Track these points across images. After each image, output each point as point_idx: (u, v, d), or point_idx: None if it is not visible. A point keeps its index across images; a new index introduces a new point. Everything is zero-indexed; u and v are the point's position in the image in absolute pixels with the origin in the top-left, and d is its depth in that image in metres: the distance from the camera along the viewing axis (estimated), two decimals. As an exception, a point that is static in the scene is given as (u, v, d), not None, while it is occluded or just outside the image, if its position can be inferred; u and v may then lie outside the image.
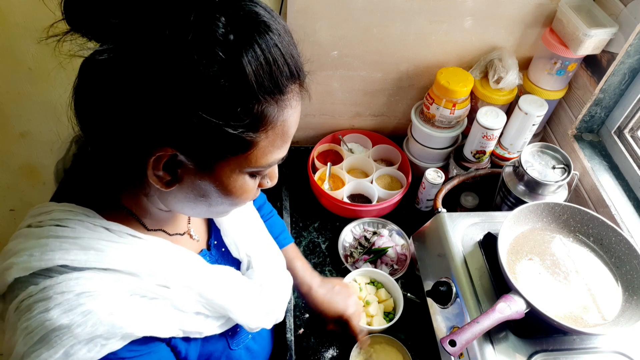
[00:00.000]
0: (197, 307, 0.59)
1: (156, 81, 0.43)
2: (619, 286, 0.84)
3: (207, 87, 0.43)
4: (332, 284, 0.92)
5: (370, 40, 1.17)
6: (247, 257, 0.74)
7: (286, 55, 0.47)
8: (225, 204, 0.55)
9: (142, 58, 0.43)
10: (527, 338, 0.80)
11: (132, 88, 0.43)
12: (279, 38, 0.46)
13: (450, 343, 0.74)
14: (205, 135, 0.45)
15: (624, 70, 1.07)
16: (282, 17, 1.11)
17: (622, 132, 1.15)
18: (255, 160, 0.50)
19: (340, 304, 0.89)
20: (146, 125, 0.45)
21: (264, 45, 0.44)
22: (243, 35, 0.43)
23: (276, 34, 0.46)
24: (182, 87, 0.42)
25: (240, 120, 0.45)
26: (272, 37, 0.45)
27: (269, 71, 0.45)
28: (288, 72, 0.47)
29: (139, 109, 0.44)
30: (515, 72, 1.16)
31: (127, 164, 0.50)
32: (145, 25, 0.42)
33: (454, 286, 0.89)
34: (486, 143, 1.16)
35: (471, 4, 1.11)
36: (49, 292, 0.47)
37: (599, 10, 1.07)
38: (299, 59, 0.49)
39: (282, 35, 0.47)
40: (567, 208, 0.91)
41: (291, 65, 0.47)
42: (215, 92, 0.43)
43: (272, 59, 0.45)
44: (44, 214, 0.52)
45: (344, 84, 1.28)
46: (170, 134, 0.45)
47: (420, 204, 1.27)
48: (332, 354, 0.99)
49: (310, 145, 1.39)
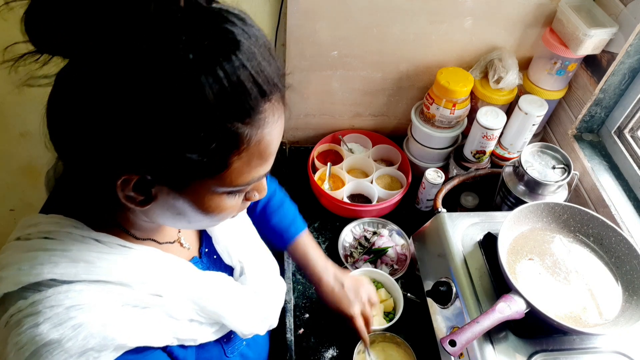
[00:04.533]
0: (190, 314, 0.59)
1: (112, 103, 0.40)
2: (619, 286, 0.84)
3: (164, 111, 0.40)
4: (343, 280, 0.90)
5: (370, 40, 1.17)
6: (240, 264, 0.73)
7: (257, 74, 0.43)
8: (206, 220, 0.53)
9: (98, 77, 0.40)
10: (527, 338, 0.80)
11: (91, 108, 0.41)
12: (249, 56, 0.42)
13: (450, 343, 0.74)
14: (169, 160, 0.43)
15: (624, 70, 1.07)
16: (282, 17, 1.11)
17: (622, 132, 1.15)
18: (231, 181, 0.48)
19: (344, 304, 0.88)
20: (107, 148, 0.43)
21: (229, 68, 0.41)
22: (205, 57, 0.40)
23: (246, 53, 0.42)
24: (138, 110, 0.40)
25: (204, 145, 0.43)
26: (239, 58, 0.42)
27: (235, 94, 0.42)
28: (258, 92, 0.44)
29: (98, 131, 0.42)
30: (515, 72, 1.16)
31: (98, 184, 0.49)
32: (103, 43, 0.40)
33: (454, 286, 0.89)
34: (486, 143, 1.16)
35: (471, 4, 1.11)
36: (38, 307, 0.46)
37: (599, 10, 1.07)
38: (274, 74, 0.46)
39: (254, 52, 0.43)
40: (567, 208, 0.91)
41: (262, 84, 0.44)
42: (173, 116, 0.41)
43: (237, 81, 0.42)
44: (32, 227, 0.51)
45: (344, 84, 1.28)
46: (132, 158, 0.43)
47: (420, 204, 1.27)
48: (332, 354, 0.99)
49: (310, 145, 1.39)
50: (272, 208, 0.91)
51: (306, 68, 1.22)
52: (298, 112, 1.34)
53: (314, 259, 0.90)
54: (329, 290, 0.88)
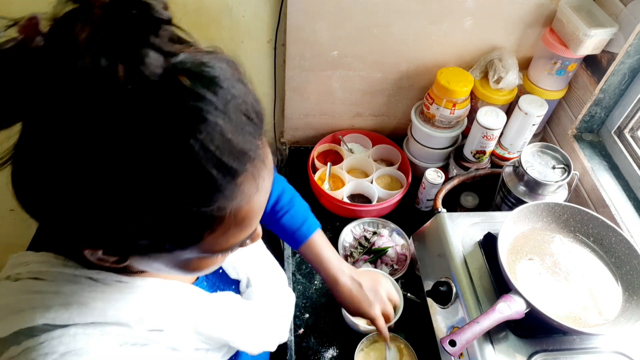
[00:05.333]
0: (195, 343, 0.56)
1: (64, 181, 0.36)
2: (619, 286, 0.84)
3: (117, 195, 0.36)
4: (360, 279, 0.86)
5: (370, 40, 1.17)
6: (246, 276, 0.71)
7: (223, 154, 0.37)
8: (188, 275, 0.50)
9: (51, 151, 0.35)
10: (527, 338, 0.80)
11: (44, 183, 0.37)
12: (213, 135, 0.36)
13: (450, 343, 0.73)
14: (130, 241, 0.40)
15: (624, 70, 1.07)
16: (282, 17, 1.11)
17: (622, 132, 1.15)
18: (207, 249, 0.43)
19: (364, 304, 0.84)
20: (65, 223, 0.39)
21: (186, 154, 0.35)
22: (158, 143, 0.34)
23: (210, 131, 0.36)
24: (90, 192, 0.36)
25: (165, 229, 0.39)
26: (200, 140, 0.35)
27: (196, 182, 0.36)
28: (225, 173, 0.38)
29: (55, 206, 0.38)
30: (515, 72, 1.16)
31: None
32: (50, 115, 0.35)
33: (454, 286, 0.89)
34: (486, 143, 1.16)
35: (471, 4, 1.11)
36: (31, 354, 0.43)
37: (599, 10, 1.07)
38: (249, 143, 0.39)
39: (221, 126, 0.36)
40: (567, 208, 0.91)
41: (231, 163, 0.38)
42: (127, 202, 0.36)
43: (198, 167, 0.36)
44: (21, 265, 0.48)
45: (344, 84, 1.28)
46: (93, 236, 0.40)
47: (420, 204, 1.27)
48: (332, 354, 0.99)
49: (310, 145, 1.39)
50: (281, 206, 0.87)
51: (306, 68, 1.22)
52: (298, 112, 1.34)
53: (328, 259, 0.86)
54: (346, 293, 0.84)
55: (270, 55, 1.20)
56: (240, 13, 1.11)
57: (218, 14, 1.10)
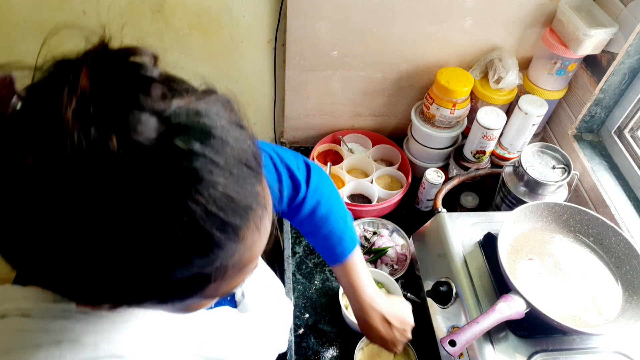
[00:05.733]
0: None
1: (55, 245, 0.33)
2: (619, 286, 0.84)
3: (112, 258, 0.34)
4: (390, 321, 0.81)
5: (370, 40, 1.17)
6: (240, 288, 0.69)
7: (224, 212, 0.35)
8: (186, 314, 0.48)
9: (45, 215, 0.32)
10: (527, 338, 0.80)
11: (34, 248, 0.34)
12: (211, 193, 0.34)
13: (450, 343, 0.74)
14: (124, 297, 0.38)
15: (624, 70, 1.07)
16: (282, 17, 1.11)
17: (622, 132, 1.15)
18: (207, 295, 0.42)
19: (389, 344, 0.82)
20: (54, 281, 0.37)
21: (183, 219, 0.33)
22: (151, 210, 0.33)
23: (207, 190, 0.34)
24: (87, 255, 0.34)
25: (163, 291, 0.37)
26: (197, 200, 0.33)
27: (195, 242, 0.35)
28: (227, 229, 0.36)
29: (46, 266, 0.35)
30: (515, 72, 1.16)
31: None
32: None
33: (454, 286, 0.89)
34: (486, 143, 1.16)
35: (471, 4, 1.11)
36: None
37: (599, 10, 1.07)
38: (249, 194, 0.37)
39: (219, 182, 0.34)
40: (567, 208, 0.91)
41: (231, 219, 0.36)
42: (124, 266, 0.34)
43: (197, 229, 0.34)
44: (7, 302, 0.46)
45: (344, 84, 1.28)
46: (83, 295, 0.38)
47: (420, 204, 1.27)
48: (332, 354, 0.99)
49: (310, 145, 1.39)
50: (319, 217, 0.77)
51: (306, 68, 1.22)
52: (298, 112, 1.34)
53: (360, 288, 0.79)
54: (374, 331, 0.81)
55: (270, 55, 1.20)
56: (240, 13, 1.11)
57: (218, 14, 1.10)
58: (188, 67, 1.21)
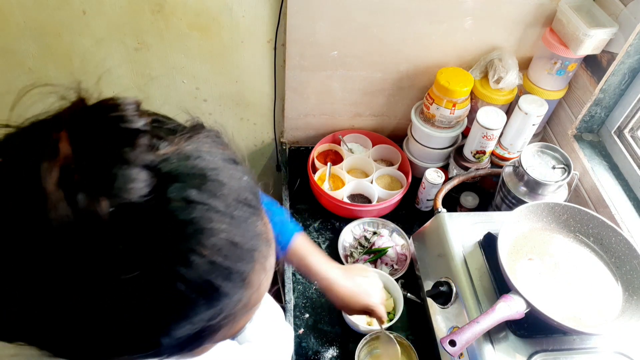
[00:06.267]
0: None
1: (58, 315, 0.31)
2: (619, 286, 0.84)
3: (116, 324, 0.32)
4: (352, 275, 0.85)
5: (370, 40, 1.17)
6: None
7: (230, 259, 0.33)
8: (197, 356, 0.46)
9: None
10: (527, 338, 0.80)
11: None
12: (223, 237, 0.33)
13: (450, 343, 0.73)
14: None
15: (624, 70, 1.07)
16: (282, 17, 1.11)
17: (622, 132, 1.15)
18: (216, 340, 0.40)
19: (363, 297, 0.83)
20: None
21: (189, 273, 0.31)
22: (153, 271, 0.31)
23: (215, 236, 0.32)
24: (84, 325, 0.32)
25: (172, 348, 0.35)
26: (201, 253, 0.32)
27: (204, 294, 0.33)
28: (239, 274, 0.35)
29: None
30: (515, 72, 1.16)
31: None
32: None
33: (454, 286, 0.89)
34: (486, 143, 1.16)
35: (471, 4, 1.11)
36: None
37: (599, 10, 1.07)
38: (253, 236, 0.36)
39: (223, 228, 0.33)
40: (567, 208, 0.91)
41: (242, 263, 0.35)
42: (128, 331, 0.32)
43: (202, 282, 0.32)
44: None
45: (344, 84, 1.28)
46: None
47: (420, 204, 1.27)
48: (332, 354, 0.99)
49: (310, 145, 1.39)
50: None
51: (306, 68, 1.22)
52: (298, 112, 1.34)
53: (317, 262, 0.83)
54: (342, 290, 0.83)
55: (270, 55, 1.20)
56: (240, 13, 1.11)
57: (218, 14, 1.10)
58: (188, 67, 1.21)
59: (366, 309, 0.85)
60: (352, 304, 0.84)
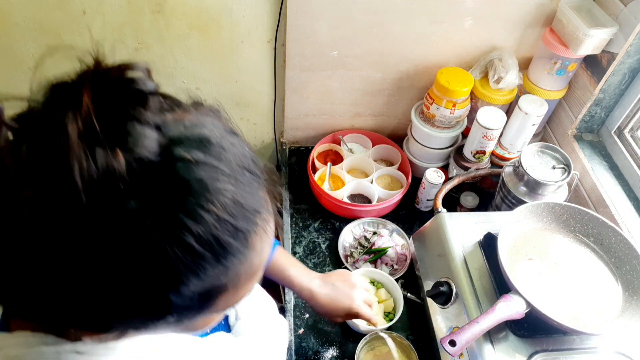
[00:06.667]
0: None
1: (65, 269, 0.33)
2: (619, 286, 0.84)
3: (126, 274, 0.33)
4: (332, 281, 0.86)
5: (370, 40, 1.17)
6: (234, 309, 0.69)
7: (241, 216, 0.36)
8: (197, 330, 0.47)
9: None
10: (527, 338, 0.80)
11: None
12: (229, 197, 0.35)
13: (450, 343, 0.74)
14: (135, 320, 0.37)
15: (624, 70, 1.07)
16: (282, 17, 1.11)
17: (622, 132, 1.15)
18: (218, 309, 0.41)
19: (345, 301, 0.84)
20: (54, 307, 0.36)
21: (198, 228, 0.33)
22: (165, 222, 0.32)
23: (223, 194, 0.34)
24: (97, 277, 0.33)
25: (178, 306, 0.36)
26: (220, 204, 0.34)
27: (216, 255, 0.35)
28: (244, 233, 0.36)
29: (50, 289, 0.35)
30: (515, 72, 1.16)
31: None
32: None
33: (454, 286, 0.89)
34: (486, 143, 1.16)
35: (471, 4, 1.11)
36: None
37: (599, 10, 1.07)
38: (258, 197, 0.38)
39: (234, 183, 0.35)
40: (567, 208, 0.91)
41: (247, 223, 0.36)
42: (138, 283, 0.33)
43: (216, 241, 0.34)
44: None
45: (344, 84, 1.28)
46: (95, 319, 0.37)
47: (420, 204, 1.27)
48: (332, 354, 0.99)
49: (310, 145, 1.39)
50: None
51: (306, 68, 1.22)
52: (298, 112, 1.34)
53: (297, 274, 0.84)
54: (322, 297, 0.84)
55: (270, 55, 1.21)
56: (240, 13, 1.11)
57: (218, 14, 1.10)
58: (188, 67, 1.21)
59: (349, 313, 0.85)
60: (333, 309, 0.84)
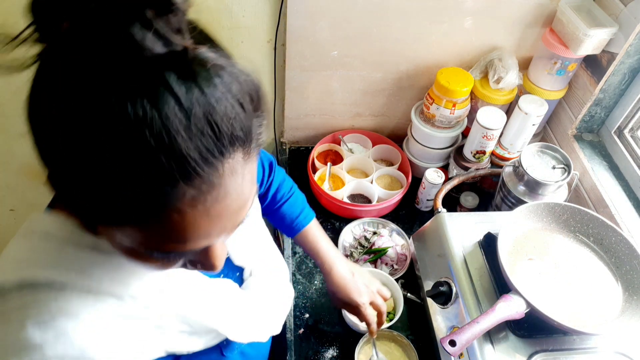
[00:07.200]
0: (178, 326, 0.56)
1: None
2: (619, 286, 0.84)
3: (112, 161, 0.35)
4: (354, 271, 0.89)
5: (370, 40, 1.17)
6: (250, 265, 0.72)
7: (239, 128, 0.38)
8: (142, 267, 0.48)
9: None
10: (527, 338, 0.80)
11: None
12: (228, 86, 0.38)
13: (450, 343, 0.74)
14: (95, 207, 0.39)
15: (624, 70, 1.07)
16: (282, 17, 1.11)
17: (622, 132, 1.15)
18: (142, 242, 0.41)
19: (354, 291, 0.86)
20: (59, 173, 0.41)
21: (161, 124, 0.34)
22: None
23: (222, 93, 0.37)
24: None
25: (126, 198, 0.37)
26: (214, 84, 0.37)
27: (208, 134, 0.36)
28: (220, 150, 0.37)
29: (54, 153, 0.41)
30: (515, 72, 1.16)
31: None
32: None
33: (454, 286, 0.89)
34: (486, 143, 1.16)
35: (471, 4, 1.11)
36: (27, 310, 0.45)
37: (599, 10, 1.07)
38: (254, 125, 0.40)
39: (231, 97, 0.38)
40: (567, 208, 0.91)
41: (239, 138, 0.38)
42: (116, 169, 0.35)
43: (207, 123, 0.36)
44: (36, 222, 0.50)
45: (344, 84, 1.28)
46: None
47: (420, 204, 1.27)
48: (332, 354, 0.99)
49: (310, 145, 1.40)
50: (282, 195, 0.89)
51: (306, 68, 1.22)
52: (298, 112, 1.34)
53: (325, 248, 0.89)
54: (340, 279, 0.86)
55: (270, 55, 1.21)
56: (240, 13, 1.11)
57: (218, 14, 1.10)
58: (188, 67, 1.21)
59: (351, 304, 0.86)
60: (340, 292, 0.86)
